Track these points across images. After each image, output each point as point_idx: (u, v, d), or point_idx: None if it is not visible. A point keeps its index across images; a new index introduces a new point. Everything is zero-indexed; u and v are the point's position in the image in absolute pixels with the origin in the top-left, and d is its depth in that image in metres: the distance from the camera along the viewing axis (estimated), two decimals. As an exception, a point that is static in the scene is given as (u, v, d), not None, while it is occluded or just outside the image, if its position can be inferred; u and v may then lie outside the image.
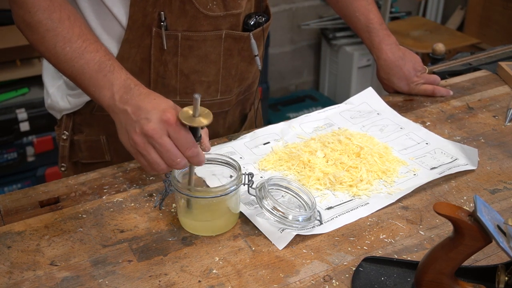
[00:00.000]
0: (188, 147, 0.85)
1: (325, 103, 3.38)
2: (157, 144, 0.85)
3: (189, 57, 1.11)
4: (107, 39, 1.09)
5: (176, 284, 0.81)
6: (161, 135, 0.85)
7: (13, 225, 0.93)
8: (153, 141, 0.85)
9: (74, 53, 0.94)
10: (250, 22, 1.16)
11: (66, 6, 0.97)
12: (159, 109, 0.86)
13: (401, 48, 1.35)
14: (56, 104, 1.19)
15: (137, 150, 0.88)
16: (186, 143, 0.85)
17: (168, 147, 0.85)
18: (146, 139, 0.86)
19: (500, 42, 2.69)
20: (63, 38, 0.94)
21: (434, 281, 0.73)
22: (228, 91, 1.21)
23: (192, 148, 0.85)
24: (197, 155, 0.86)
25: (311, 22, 3.50)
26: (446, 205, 0.70)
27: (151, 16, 1.05)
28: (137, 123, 0.87)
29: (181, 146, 0.85)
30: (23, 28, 0.98)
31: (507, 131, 1.21)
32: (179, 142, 0.85)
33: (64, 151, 1.21)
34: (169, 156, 0.85)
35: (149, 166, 0.88)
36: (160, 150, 0.85)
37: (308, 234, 0.90)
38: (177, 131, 0.84)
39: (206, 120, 0.84)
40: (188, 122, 0.84)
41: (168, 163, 0.86)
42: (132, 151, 0.90)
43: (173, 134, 0.85)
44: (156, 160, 0.86)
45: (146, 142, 0.86)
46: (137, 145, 0.87)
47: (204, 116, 0.85)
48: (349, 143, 1.10)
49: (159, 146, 0.85)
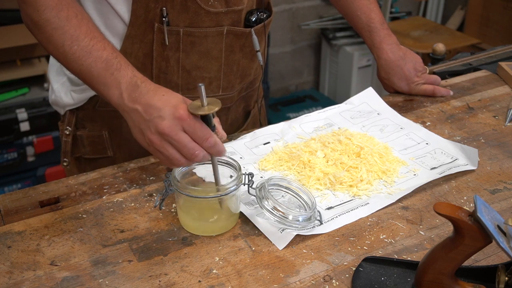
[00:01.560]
0: (205, 139, 0.86)
1: (325, 103, 3.38)
2: (174, 141, 0.86)
3: (190, 53, 1.12)
4: (110, 35, 1.09)
5: (176, 284, 0.81)
6: (177, 131, 0.85)
7: (13, 225, 0.93)
8: (169, 139, 0.86)
9: (82, 52, 0.95)
10: (252, 18, 1.16)
11: (74, 4, 0.97)
12: (170, 105, 0.87)
13: (402, 48, 1.35)
14: (60, 100, 1.20)
15: (154, 148, 0.88)
16: (202, 135, 0.86)
17: (185, 143, 0.86)
18: (162, 137, 0.87)
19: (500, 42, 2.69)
20: (71, 37, 0.95)
21: (434, 281, 0.73)
22: (230, 87, 1.21)
23: (209, 138, 0.86)
24: (214, 144, 0.86)
25: (311, 22, 3.50)
26: (446, 205, 0.70)
27: (154, 12, 1.06)
28: (150, 122, 0.87)
29: (198, 138, 0.86)
30: (32, 27, 0.98)
31: (507, 131, 1.21)
32: (195, 135, 0.86)
33: (66, 146, 1.22)
34: (187, 150, 0.86)
35: (169, 162, 0.89)
36: (177, 146, 0.86)
37: (308, 234, 0.90)
38: (191, 125, 0.85)
39: (216, 107, 0.85)
40: (199, 111, 0.84)
41: (188, 157, 0.87)
42: (149, 149, 0.90)
43: (188, 129, 0.85)
44: (175, 156, 0.87)
45: (162, 140, 0.87)
46: (154, 143, 0.87)
47: (212, 104, 0.85)
48: (349, 143, 1.10)
49: (176, 143, 0.86)
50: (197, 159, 0.87)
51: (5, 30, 2.48)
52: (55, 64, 1.23)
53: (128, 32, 1.08)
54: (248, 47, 1.18)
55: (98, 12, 1.08)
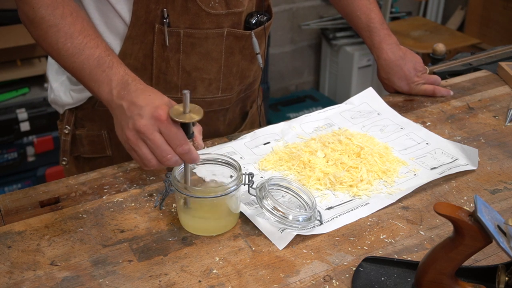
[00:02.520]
0: (179, 144, 0.86)
1: (326, 103, 3.38)
2: (148, 140, 0.86)
3: (190, 54, 1.12)
4: (110, 35, 1.10)
5: (176, 284, 0.81)
6: (152, 131, 0.86)
7: (14, 225, 0.93)
8: (144, 137, 0.86)
9: (75, 49, 0.95)
10: (252, 21, 1.16)
11: (69, 2, 0.98)
12: (152, 105, 0.87)
13: (401, 48, 1.35)
14: (59, 99, 1.20)
15: (129, 145, 0.89)
16: (177, 140, 0.86)
17: (158, 143, 0.86)
18: (138, 135, 0.87)
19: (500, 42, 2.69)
20: (65, 34, 0.95)
21: (434, 281, 0.73)
22: (229, 88, 1.21)
23: (183, 145, 0.86)
24: (188, 152, 0.86)
25: (311, 22, 3.50)
26: (447, 205, 0.70)
27: (154, 13, 1.06)
28: (130, 118, 0.88)
29: (172, 142, 0.86)
30: (27, 24, 0.99)
31: (508, 131, 1.21)
32: (170, 139, 0.86)
33: (65, 145, 1.23)
34: (160, 152, 0.86)
35: (141, 162, 0.90)
36: (151, 146, 0.87)
37: (308, 234, 0.90)
38: (168, 128, 0.85)
39: (197, 116, 0.85)
40: (179, 118, 0.84)
41: (159, 159, 0.87)
42: (125, 146, 0.91)
43: (164, 131, 0.86)
44: (147, 156, 0.87)
45: (138, 138, 0.87)
46: (129, 140, 0.88)
47: (195, 112, 0.85)
48: (349, 143, 1.10)
49: (150, 142, 0.86)
50: (168, 162, 0.87)
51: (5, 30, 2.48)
52: (54, 63, 1.23)
53: (128, 33, 1.08)
54: (248, 49, 1.18)
55: (99, 11, 1.08)
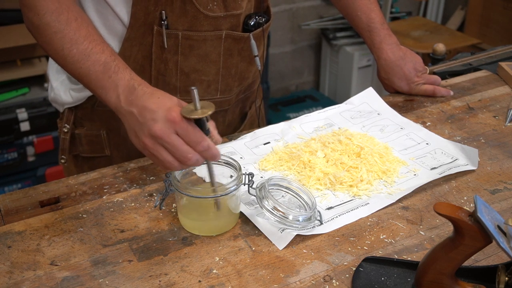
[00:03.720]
0: (198, 142, 0.85)
1: (326, 103, 3.38)
2: (167, 143, 0.85)
3: (189, 56, 1.12)
4: (109, 37, 1.10)
5: (176, 284, 0.81)
6: (169, 134, 0.85)
7: (14, 225, 0.93)
8: (162, 141, 0.85)
9: (81, 55, 0.95)
10: (250, 23, 1.16)
11: (74, 7, 0.97)
12: (164, 108, 0.86)
13: (402, 48, 1.35)
14: (59, 98, 1.20)
15: (149, 151, 0.88)
16: (195, 138, 0.85)
17: (177, 145, 0.85)
18: (155, 140, 0.86)
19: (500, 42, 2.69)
20: (70, 40, 0.95)
21: (434, 281, 0.73)
22: (228, 90, 1.21)
23: (202, 142, 0.85)
24: (208, 148, 0.85)
25: (311, 22, 3.50)
26: (447, 205, 0.70)
27: (153, 15, 1.06)
28: (144, 125, 0.87)
29: (190, 142, 0.85)
30: (33, 31, 0.99)
31: (508, 132, 1.21)
32: (188, 138, 0.85)
33: (64, 144, 1.23)
34: (180, 153, 0.85)
35: (163, 166, 0.88)
36: (170, 149, 0.85)
37: (308, 234, 0.90)
38: (184, 128, 0.84)
39: (209, 110, 0.84)
40: (192, 115, 0.84)
41: (181, 160, 0.86)
42: (144, 153, 0.90)
43: (181, 132, 0.85)
44: (168, 159, 0.86)
45: (155, 143, 0.86)
46: (147, 147, 0.87)
47: (206, 107, 0.85)
48: (349, 143, 1.10)
49: (169, 146, 0.85)
50: (190, 162, 0.86)
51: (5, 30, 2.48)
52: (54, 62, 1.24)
53: (127, 35, 1.08)
54: (246, 51, 1.18)
55: (98, 13, 1.08)
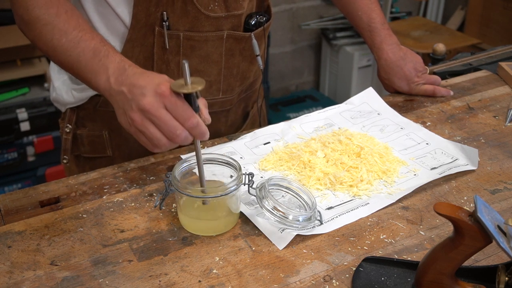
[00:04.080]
0: (187, 117, 0.83)
1: (326, 103, 3.38)
2: (155, 117, 0.83)
3: (191, 56, 1.12)
4: (111, 38, 1.10)
5: (176, 284, 0.81)
6: (157, 107, 0.83)
7: (14, 225, 0.93)
8: (150, 116, 0.84)
9: (70, 43, 0.94)
10: (251, 22, 1.16)
11: (64, 2, 0.97)
12: (153, 83, 0.85)
13: (402, 48, 1.35)
14: (60, 98, 1.21)
15: (136, 128, 0.86)
16: (184, 114, 0.83)
17: (166, 119, 0.83)
18: (143, 114, 0.84)
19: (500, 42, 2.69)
20: (59, 31, 0.94)
21: (434, 281, 0.73)
22: (230, 90, 1.21)
23: (191, 118, 0.83)
24: (197, 125, 0.84)
25: (311, 22, 3.50)
26: (447, 205, 0.70)
27: (154, 16, 1.06)
28: (132, 100, 0.85)
29: (179, 117, 0.83)
30: (23, 27, 0.99)
31: (508, 132, 1.21)
32: (177, 113, 0.83)
33: (66, 144, 1.23)
34: (168, 128, 0.83)
35: (150, 143, 0.87)
36: (158, 124, 0.84)
37: (309, 234, 0.90)
38: (173, 102, 0.83)
39: (199, 86, 0.83)
40: (182, 90, 0.82)
41: (169, 136, 0.84)
42: (131, 130, 0.88)
43: (169, 106, 0.83)
44: (156, 135, 0.85)
45: (143, 118, 0.85)
46: (135, 122, 0.85)
47: (196, 83, 0.83)
48: (349, 143, 1.10)
49: (157, 120, 0.83)
50: (178, 139, 0.84)
51: (5, 30, 2.48)
52: None
53: (129, 36, 1.08)
54: (248, 51, 1.18)
55: (99, 14, 1.08)
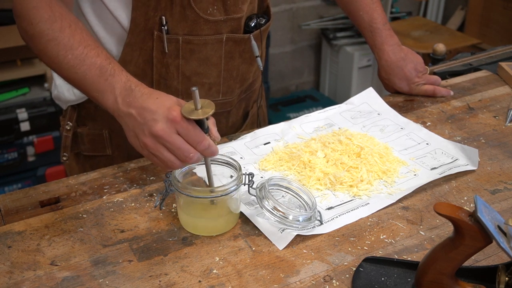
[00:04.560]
0: (199, 141, 0.85)
1: (326, 103, 3.38)
2: (168, 143, 0.85)
3: (190, 60, 1.12)
4: (110, 42, 1.10)
5: (177, 284, 0.81)
6: (170, 134, 0.85)
7: (14, 225, 0.93)
8: (163, 141, 0.86)
9: (76, 60, 0.94)
10: (251, 24, 1.16)
11: (67, 15, 0.97)
12: (164, 108, 0.86)
13: (403, 49, 1.34)
14: (62, 95, 1.21)
15: (149, 151, 0.88)
16: (196, 138, 0.85)
17: (179, 145, 0.85)
18: (156, 139, 0.86)
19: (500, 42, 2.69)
20: (64, 46, 0.95)
21: (434, 282, 0.73)
22: (230, 92, 1.21)
23: (203, 141, 0.86)
24: (208, 147, 0.86)
25: (311, 22, 3.50)
26: (447, 205, 0.70)
27: (153, 20, 1.06)
28: (144, 125, 0.87)
29: (192, 141, 0.86)
30: (27, 40, 0.99)
31: (508, 132, 1.21)
32: (189, 138, 0.85)
33: (66, 141, 1.23)
34: (182, 153, 0.86)
35: (164, 165, 0.89)
36: (171, 149, 0.86)
37: (309, 234, 0.90)
38: (184, 127, 0.85)
39: (210, 110, 0.85)
40: (193, 116, 0.84)
41: (182, 159, 0.87)
42: (144, 153, 0.90)
43: (181, 131, 0.85)
44: (170, 159, 0.87)
45: (156, 143, 0.86)
46: (148, 147, 0.87)
47: (206, 107, 0.85)
48: (349, 143, 1.10)
49: (170, 145, 0.86)
50: (191, 161, 0.87)
51: (5, 30, 2.48)
52: None
53: (127, 40, 1.08)
54: (247, 53, 1.18)
55: (98, 18, 1.08)
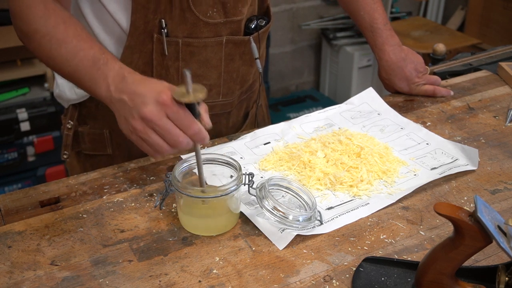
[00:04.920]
0: (189, 125, 0.84)
1: (326, 103, 3.38)
2: (157, 126, 0.85)
3: (190, 62, 1.12)
4: (110, 44, 1.10)
5: (177, 284, 0.81)
6: (160, 117, 0.84)
7: (14, 225, 0.93)
8: (152, 124, 0.85)
9: (69, 53, 0.95)
10: (251, 26, 1.16)
11: (61, 12, 0.97)
12: (154, 91, 0.85)
13: (404, 49, 1.34)
14: (63, 94, 1.21)
15: (138, 136, 0.87)
16: (186, 122, 0.84)
17: (168, 128, 0.84)
18: (145, 123, 0.85)
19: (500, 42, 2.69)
20: (57, 41, 0.95)
21: (434, 282, 0.73)
22: (230, 93, 1.22)
23: (193, 126, 0.84)
24: (199, 132, 0.85)
25: (311, 22, 3.50)
26: (447, 205, 0.70)
27: (152, 23, 1.06)
28: (134, 109, 0.86)
29: (181, 125, 0.85)
30: (22, 38, 1.00)
31: (508, 132, 1.21)
32: (179, 122, 0.84)
33: (67, 140, 1.23)
34: (171, 136, 0.85)
35: (152, 150, 0.88)
36: (161, 132, 0.85)
37: (309, 234, 0.90)
38: (175, 111, 0.84)
39: (201, 94, 0.84)
40: (184, 99, 0.83)
41: (171, 143, 0.86)
42: (133, 138, 0.89)
43: (171, 115, 0.84)
44: (158, 142, 0.86)
45: (145, 126, 0.86)
46: (137, 130, 0.87)
47: (198, 91, 0.84)
48: (349, 143, 1.10)
49: (159, 128, 0.85)
50: (180, 146, 0.85)
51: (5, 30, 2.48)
52: None
53: (127, 43, 1.08)
54: (247, 54, 1.18)
55: (98, 20, 1.09)
